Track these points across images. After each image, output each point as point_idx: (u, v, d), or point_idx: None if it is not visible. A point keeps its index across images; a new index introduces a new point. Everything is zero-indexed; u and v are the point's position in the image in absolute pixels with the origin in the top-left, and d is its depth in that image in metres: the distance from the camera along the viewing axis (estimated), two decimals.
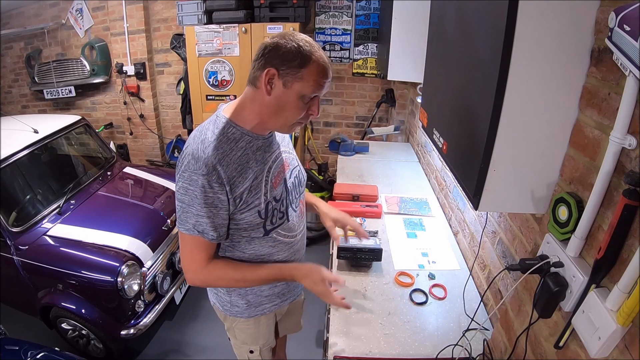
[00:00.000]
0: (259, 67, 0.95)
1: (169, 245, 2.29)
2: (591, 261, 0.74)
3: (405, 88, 3.06)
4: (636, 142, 0.64)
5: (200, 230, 1.01)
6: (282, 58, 0.92)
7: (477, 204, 0.87)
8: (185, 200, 0.99)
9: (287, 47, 0.92)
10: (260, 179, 1.05)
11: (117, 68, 3.65)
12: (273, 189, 1.09)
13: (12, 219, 2.12)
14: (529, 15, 0.70)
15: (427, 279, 1.49)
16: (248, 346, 1.37)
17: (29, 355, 1.53)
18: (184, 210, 1.00)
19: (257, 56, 0.97)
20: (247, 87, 1.02)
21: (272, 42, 0.95)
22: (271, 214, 1.09)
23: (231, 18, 2.89)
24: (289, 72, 0.93)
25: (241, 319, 1.28)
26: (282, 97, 0.96)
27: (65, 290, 1.99)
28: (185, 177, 0.97)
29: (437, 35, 1.24)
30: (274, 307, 1.30)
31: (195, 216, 0.99)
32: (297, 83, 0.94)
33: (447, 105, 1.10)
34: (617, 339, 0.66)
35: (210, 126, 1.02)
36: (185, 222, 1.01)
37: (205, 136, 1.00)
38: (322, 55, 0.96)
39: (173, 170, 3.20)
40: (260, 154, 1.06)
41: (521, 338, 0.95)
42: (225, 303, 1.27)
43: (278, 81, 0.94)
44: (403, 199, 2.04)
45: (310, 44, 0.95)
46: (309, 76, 0.94)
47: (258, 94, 0.98)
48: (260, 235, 1.11)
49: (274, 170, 1.10)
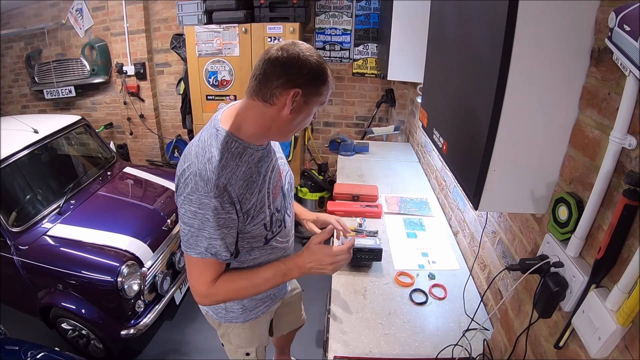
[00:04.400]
0: (280, 85, 0.90)
1: (169, 245, 2.29)
2: (591, 261, 0.74)
3: (405, 88, 3.06)
4: (636, 142, 0.64)
5: (214, 252, 0.98)
6: (306, 78, 0.91)
7: (477, 204, 0.87)
8: (195, 225, 0.94)
9: (312, 64, 0.91)
10: (264, 193, 1.03)
11: (117, 68, 3.65)
12: (274, 200, 1.09)
13: (12, 219, 2.12)
14: (529, 15, 0.70)
15: (427, 279, 1.49)
16: (244, 349, 1.39)
17: (29, 355, 1.52)
18: (194, 234, 0.95)
19: (273, 72, 0.90)
20: (252, 100, 0.94)
21: (295, 58, 0.90)
22: (273, 224, 1.09)
23: (231, 18, 2.89)
24: (312, 90, 0.93)
25: (237, 324, 1.29)
26: (302, 112, 0.96)
27: (65, 290, 1.99)
28: (194, 199, 0.92)
29: (437, 35, 1.24)
30: (266, 309, 1.32)
31: (207, 239, 0.96)
32: (315, 98, 0.95)
33: (447, 105, 1.10)
34: (617, 339, 0.66)
35: (212, 142, 0.96)
36: (196, 246, 0.97)
37: (211, 154, 0.94)
38: (328, 67, 0.97)
39: (173, 170, 3.20)
40: (261, 166, 1.03)
41: (521, 338, 0.95)
42: (220, 310, 1.26)
43: (300, 99, 0.93)
44: (403, 199, 2.04)
45: (321, 58, 0.95)
46: (325, 91, 0.96)
47: (271, 110, 0.93)
48: (261, 245, 1.10)
49: (273, 181, 1.08)
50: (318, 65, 0.92)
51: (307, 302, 1.59)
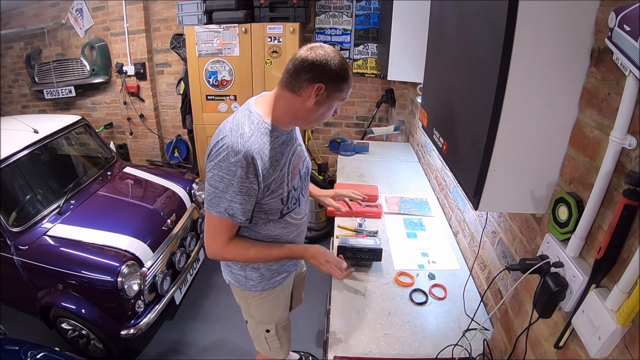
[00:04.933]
0: (307, 79, 1.06)
1: (169, 245, 2.29)
2: (591, 261, 0.74)
3: (405, 88, 3.06)
4: (636, 142, 0.64)
5: (231, 213, 1.12)
6: (331, 75, 1.07)
7: (477, 204, 0.87)
8: (220, 187, 1.09)
9: (335, 64, 1.06)
10: (285, 171, 1.18)
11: (117, 68, 3.65)
12: (292, 179, 1.23)
13: (12, 219, 2.12)
14: (529, 15, 0.70)
15: (427, 279, 1.49)
16: (264, 325, 1.49)
17: (29, 355, 1.52)
18: (217, 195, 1.10)
19: (302, 68, 1.06)
20: (282, 90, 1.12)
21: (322, 59, 1.05)
22: (289, 200, 1.23)
23: (231, 18, 2.89)
24: (334, 87, 1.09)
25: (255, 292, 1.39)
26: (324, 105, 1.12)
27: (65, 290, 1.99)
28: (223, 166, 1.07)
29: (437, 35, 1.24)
30: (283, 280, 1.42)
31: (228, 201, 1.10)
32: (337, 94, 1.11)
33: (447, 105, 1.10)
34: (617, 339, 0.66)
35: (245, 121, 1.11)
36: (217, 206, 1.11)
37: (243, 130, 1.09)
38: (350, 68, 1.13)
39: (173, 170, 3.22)
40: (284, 148, 1.18)
41: (521, 338, 0.95)
42: (241, 278, 1.37)
43: (323, 93, 1.08)
44: (403, 199, 2.04)
45: (344, 59, 1.10)
46: (346, 88, 1.12)
47: (298, 100, 1.10)
48: (276, 218, 1.24)
49: (293, 162, 1.23)
50: (340, 65, 1.08)
51: (308, 303, 1.59)
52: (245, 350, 2.20)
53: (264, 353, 1.59)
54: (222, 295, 2.61)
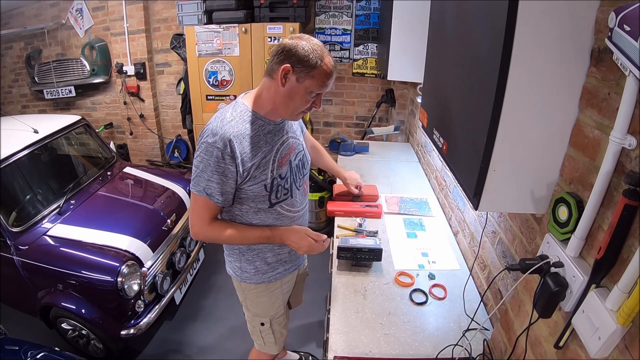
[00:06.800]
0: (277, 62, 1.12)
1: (169, 245, 2.29)
2: (591, 261, 0.74)
3: (405, 88, 3.06)
4: (636, 142, 0.64)
5: (209, 193, 1.18)
6: (298, 57, 1.10)
7: (477, 204, 0.87)
8: (200, 167, 1.17)
9: (305, 49, 1.10)
10: (269, 158, 1.23)
11: (117, 68, 3.65)
12: (279, 167, 1.26)
13: (12, 219, 2.12)
14: (529, 15, 0.70)
15: (427, 279, 1.49)
16: (259, 318, 1.51)
17: (29, 355, 1.52)
18: (198, 174, 1.18)
19: (276, 52, 1.13)
20: (265, 78, 1.19)
21: (293, 43, 1.11)
22: (276, 189, 1.26)
23: (231, 18, 2.89)
24: (302, 70, 1.11)
25: (251, 285, 1.42)
26: (294, 89, 1.14)
27: (65, 290, 1.99)
28: (203, 147, 1.15)
29: (437, 35, 1.24)
30: (279, 275, 1.44)
31: (206, 181, 1.17)
32: (307, 80, 1.13)
33: (447, 105, 1.10)
34: (617, 339, 0.66)
35: (229, 109, 1.21)
36: (197, 185, 1.19)
37: (224, 116, 1.18)
38: (331, 60, 1.15)
39: (173, 170, 3.22)
40: (271, 137, 1.24)
41: (521, 338, 0.95)
42: (237, 269, 1.42)
43: (292, 76, 1.12)
44: (403, 199, 2.04)
45: (322, 49, 1.13)
46: (318, 76, 1.13)
47: (273, 84, 1.16)
48: (266, 207, 1.27)
49: (282, 152, 1.27)
50: (311, 51, 1.10)
51: (308, 303, 1.59)
52: (245, 350, 2.19)
53: (259, 347, 1.63)
54: (222, 295, 2.61)
